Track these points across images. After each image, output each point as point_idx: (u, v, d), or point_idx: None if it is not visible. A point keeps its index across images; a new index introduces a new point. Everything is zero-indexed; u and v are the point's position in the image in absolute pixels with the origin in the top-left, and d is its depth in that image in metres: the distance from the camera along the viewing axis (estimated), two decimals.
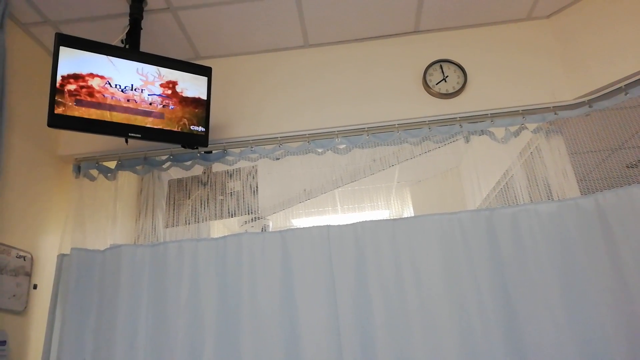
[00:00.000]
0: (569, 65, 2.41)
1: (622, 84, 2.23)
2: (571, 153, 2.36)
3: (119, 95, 2.03)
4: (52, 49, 2.42)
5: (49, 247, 2.32)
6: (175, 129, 2.15)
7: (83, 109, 1.95)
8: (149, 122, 2.09)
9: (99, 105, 1.98)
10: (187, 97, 2.19)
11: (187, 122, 2.18)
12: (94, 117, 1.97)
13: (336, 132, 2.44)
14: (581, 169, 2.36)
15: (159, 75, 2.14)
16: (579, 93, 2.34)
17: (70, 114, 1.92)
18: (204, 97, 2.24)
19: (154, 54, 2.14)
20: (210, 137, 2.43)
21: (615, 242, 1.90)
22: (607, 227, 1.94)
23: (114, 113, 2.01)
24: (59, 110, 1.90)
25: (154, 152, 2.46)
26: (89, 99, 1.96)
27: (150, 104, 2.10)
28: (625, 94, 2.22)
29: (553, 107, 2.36)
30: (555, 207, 2.03)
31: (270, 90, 2.56)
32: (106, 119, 1.99)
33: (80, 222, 2.34)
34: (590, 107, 2.32)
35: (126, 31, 2.21)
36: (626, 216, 1.91)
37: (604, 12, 2.32)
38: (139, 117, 2.07)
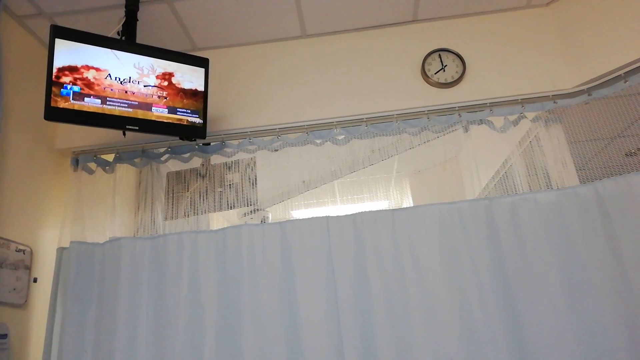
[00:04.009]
0: (568, 53, 2.40)
1: (621, 72, 2.22)
2: (570, 142, 2.36)
3: (116, 87, 2.02)
4: (47, 41, 2.40)
5: (48, 241, 2.32)
6: (173, 121, 2.14)
7: (80, 101, 1.93)
8: (146, 114, 2.08)
9: (95, 98, 1.97)
10: (185, 89, 2.18)
11: (184, 114, 2.17)
12: (90, 109, 1.96)
13: (335, 123, 2.43)
14: (580, 158, 2.35)
15: (156, 66, 2.12)
16: (578, 81, 2.33)
17: (67, 106, 1.91)
18: (201, 88, 2.23)
19: (150, 46, 2.13)
20: (208, 128, 2.42)
21: (614, 230, 1.91)
22: (606, 215, 1.94)
23: (111, 105, 2.00)
24: (55, 103, 1.89)
25: (152, 145, 2.45)
26: (85, 91, 1.95)
27: (147, 95, 2.09)
28: (625, 82, 2.21)
29: (552, 95, 2.35)
30: (554, 196, 2.03)
31: (268, 81, 2.55)
32: (103, 112, 1.98)
33: (79, 215, 2.34)
34: (589, 95, 2.31)
35: (122, 23, 2.19)
36: (625, 204, 1.91)
37: None
38: (136, 109, 2.06)
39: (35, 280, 2.20)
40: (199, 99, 2.21)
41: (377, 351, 1.91)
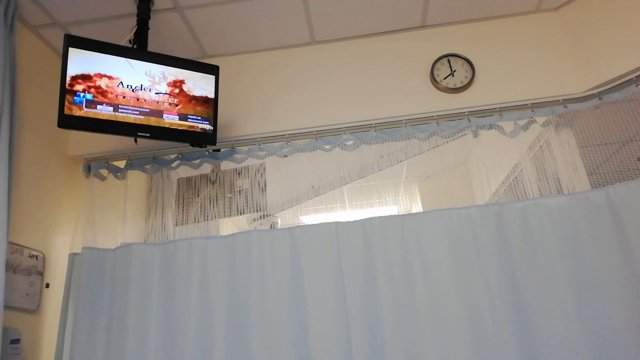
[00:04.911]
0: (578, 57, 2.39)
1: (632, 76, 2.21)
2: (581, 146, 2.34)
3: (128, 94, 2.05)
4: (61, 50, 2.44)
5: (60, 247, 2.34)
6: (184, 128, 2.16)
7: (92, 109, 1.96)
8: (157, 122, 2.10)
9: (108, 105, 2.00)
10: (195, 96, 2.20)
11: (195, 121, 2.19)
12: (103, 117, 1.98)
13: (343, 129, 2.43)
14: (591, 162, 2.33)
15: (167, 74, 2.15)
16: (588, 85, 2.32)
17: (80, 114, 1.94)
18: (212, 95, 2.25)
19: (161, 54, 2.15)
20: (219, 135, 2.44)
21: (626, 235, 1.89)
22: (618, 220, 1.92)
23: (123, 113, 2.03)
24: (68, 111, 1.91)
25: (163, 151, 2.48)
26: (98, 99, 1.98)
27: (158, 102, 2.11)
28: (636, 86, 2.19)
29: (562, 100, 2.34)
30: (565, 201, 2.02)
31: (277, 87, 2.56)
32: (115, 119, 2.01)
33: (91, 221, 2.36)
34: (600, 99, 2.29)
35: (134, 31, 2.22)
36: (637, 209, 1.89)
37: (613, 2, 2.30)
38: (148, 117, 2.08)
39: (47, 286, 2.23)
40: (209, 106, 2.23)
41: (386, 357, 1.90)
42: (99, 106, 1.98)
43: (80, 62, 1.96)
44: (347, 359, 1.92)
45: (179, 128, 2.15)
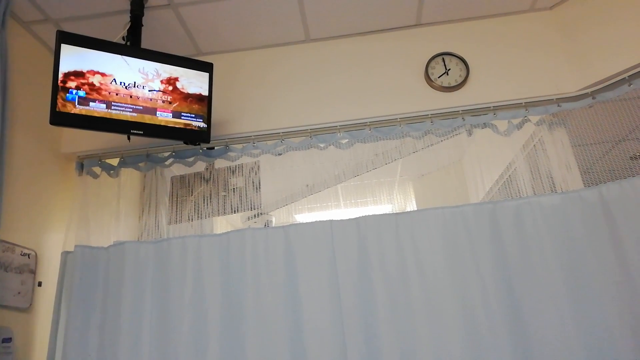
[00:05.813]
0: (572, 56, 2.39)
1: (625, 75, 2.22)
2: (574, 145, 2.35)
3: (121, 91, 2.03)
4: (53, 46, 2.42)
5: (53, 245, 2.33)
6: (178, 126, 2.15)
7: (85, 106, 1.95)
8: (151, 119, 2.09)
9: (101, 102, 1.98)
10: (189, 94, 2.19)
11: (189, 119, 2.18)
12: (95, 114, 1.97)
13: (338, 127, 2.43)
14: (584, 161, 2.34)
15: (160, 71, 2.13)
16: (582, 84, 2.33)
17: (72, 111, 1.92)
18: (206, 93, 2.24)
19: (155, 51, 2.14)
20: (212, 133, 2.42)
21: (619, 233, 1.90)
22: (611, 219, 1.93)
23: (116, 110, 2.01)
24: (61, 108, 1.90)
25: (157, 149, 2.47)
26: (91, 96, 1.96)
27: (152, 100, 2.10)
28: (629, 85, 2.21)
29: (556, 99, 2.35)
30: (558, 200, 2.03)
31: (272, 85, 2.56)
32: (108, 116, 1.99)
33: (84, 219, 2.35)
34: (593, 98, 2.30)
35: (127, 28, 2.21)
36: (630, 208, 1.91)
37: (608, 2, 2.31)
38: (141, 114, 2.07)
39: (39, 284, 2.21)
40: (203, 103, 2.22)
41: (381, 355, 1.90)
42: (91, 103, 1.96)
43: (72, 58, 1.95)
44: (341, 356, 1.92)
45: (173, 125, 2.14)
